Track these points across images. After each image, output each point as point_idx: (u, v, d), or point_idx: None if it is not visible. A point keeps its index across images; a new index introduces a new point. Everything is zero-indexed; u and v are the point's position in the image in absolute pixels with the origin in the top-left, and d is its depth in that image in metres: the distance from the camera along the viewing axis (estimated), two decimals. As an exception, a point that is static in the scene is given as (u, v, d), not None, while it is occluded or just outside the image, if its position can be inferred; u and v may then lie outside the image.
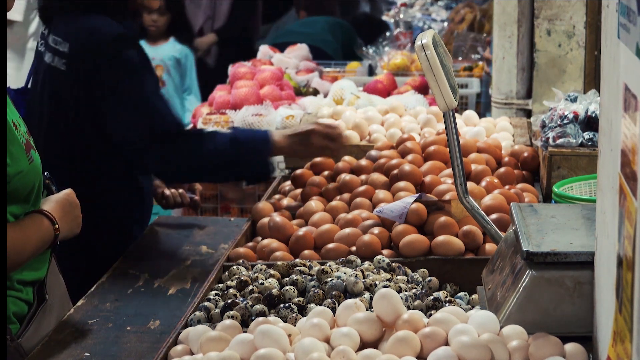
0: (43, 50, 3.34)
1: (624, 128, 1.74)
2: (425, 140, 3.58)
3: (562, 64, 4.40)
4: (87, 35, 3.22)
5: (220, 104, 4.89)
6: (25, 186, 2.49)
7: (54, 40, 3.28)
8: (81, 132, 3.27)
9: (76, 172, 3.29)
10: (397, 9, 8.80)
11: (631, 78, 1.69)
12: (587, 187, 3.11)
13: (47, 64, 3.29)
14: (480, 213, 2.74)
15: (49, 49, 3.30)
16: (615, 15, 1.82)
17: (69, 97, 3.25)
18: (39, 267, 2.61)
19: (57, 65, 3.25)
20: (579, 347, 2.10)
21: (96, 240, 3.30)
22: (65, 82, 3.25)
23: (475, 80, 5.79)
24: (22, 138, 2.50)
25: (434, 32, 2.68)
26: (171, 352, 2.34)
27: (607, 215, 1.91)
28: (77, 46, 3.22)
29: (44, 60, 3.32)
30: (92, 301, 2.84)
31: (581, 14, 4.35)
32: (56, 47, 3.26)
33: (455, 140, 2.69)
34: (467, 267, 2.79)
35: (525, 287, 2.18)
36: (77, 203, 2.67)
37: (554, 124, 3.39)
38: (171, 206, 3.65)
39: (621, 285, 1.75)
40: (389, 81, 5.34)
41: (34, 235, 2.50)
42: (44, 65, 3.32)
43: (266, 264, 2.82)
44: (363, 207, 3.16)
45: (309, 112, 4.70)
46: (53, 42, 3.28)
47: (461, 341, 2.08)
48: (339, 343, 2.14)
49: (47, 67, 3.29)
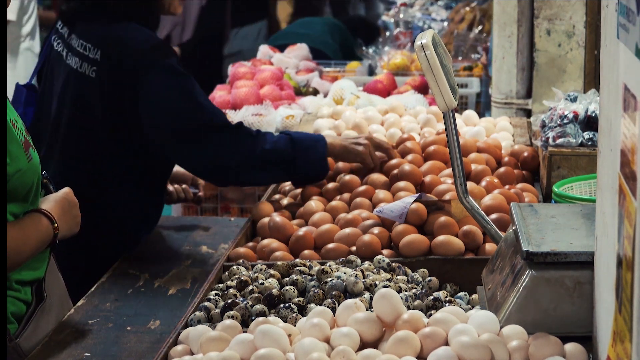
0: (63, 52, 3.30)
1: (624, 128, 1.74)
2: (425, 140, 3.58)
3: (562, 63, 4.40)
4: (123, 44, 3.20)
5: (220, 104, 4.89)
6: (24, 185, 2.49)
7: (81, 44, 3.24)
8: (102, 137, 3.25)
9: (91, 175, 3.29)
10: (397, 8, 8.78)
11: (630, 78, 1.70)
12: (587, 187, 3.11)
13: (73, 68, 3.26)
14: (480, 213, 2.74)
15: (75, 52, 3.26)
16: (614, 15, 1.82)
17: (96, 104, 3.22)
18: (38, 266, 2.61)
19: (84, 71, 3.22)
20: (579, 347, 2.10)
21: (103, 241, 3.30)
22: (93, 88, 3.22)
23: (475, 80, 5.78)
24: (20, 136, 2.50)
25: (434, 32, 2.68)
26: (171, 352, 2.34)
27: (607, 215, 1.91)
28: (112, 55, 3.19)
29: (66, 62, 3.29)
30: (92, 301, 2.84)
31: (581, 14, 4.35)
32: (84, 53, 3.23)
33: (455, 140, 2.69)
34: (467, 267, 2.79)
35: (525, 287, 2.18)
36: (76, 202, 2.66)
37: (553, 124, 3.39)
38: (174, 201, 3.63)
39: (621, 286, 1.75)
40: (389, 81, 5.34)
41: (33, 234, 2.49)
42: (65, 67, 3.29)
43: (266, 264, 2.83)
44: (363, 207, 3.16)
45: (309, 111, 4.70)
46: (80, 46, 3.25)
47: (461, 341, 2.08)
48: (339, 343, 2.14)
49: (72, 71, 3.26)
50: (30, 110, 3.40)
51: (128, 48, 3.19)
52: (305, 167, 3.30)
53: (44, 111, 3.36)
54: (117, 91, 3.20)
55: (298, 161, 3.27)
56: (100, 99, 3.22)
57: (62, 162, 3.29)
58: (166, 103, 3.17)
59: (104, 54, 3.21)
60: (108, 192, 3.29)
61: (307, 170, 3.32)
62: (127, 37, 3.22)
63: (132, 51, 3.19)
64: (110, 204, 3.29)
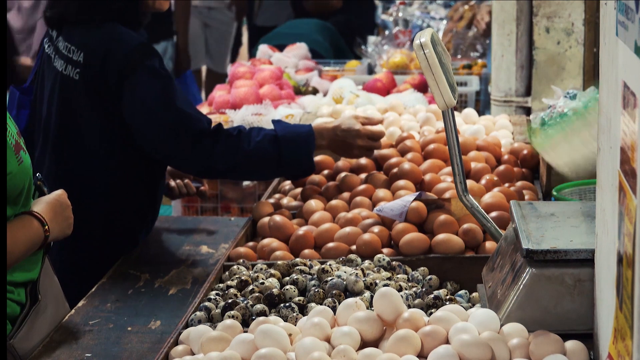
0: (52, 54, 3.31)
1: (623, 125, 1.74)
2: (424, 138, 3.58)
3: (561, 61, 4.40)
4: (106, 46, 3.19)
5: (220, 104, 4.89)
6: (14, 187, 2.49)
7: (67, 47, 3.24)
8: (90, 139, 3.24)
9: (82, 177, 3.28)
10: (396, 7, 8.78)
11: (630, 75, 1.70)
12: (588, 193, 3.11)
13: (59, 71, 3.26)
14: (480, 211, 2.74)
15: (61, 55, 3.26)
16: (613, 13, 1.82)
17: (81, 106, 3.22)
18: (31, 268, 2.61)
19: (69, 74, 3.23)
20: (580, 345, 2.10)
21: (101, 242, 3.30)
22: (77, 90, 3.22)
23: (474, 78, 5.78)
24: (11, 139, 2.49)
25: (433, 30, 2.68)
26: (172, 352, 2.34)
27: (607, 213, 1.91)
28: (94, 57, 3.19)
29: (53, 65, 3.29)
30: (92, 302, 2.84)
31: (580, 12, 4.35)
32: (69, 56, 3.23)
33: (455, 138, 2.69)
34: (468, 265, 2.79)
35: (525, 285, 2.18)
36: (69, 204, 2.65)
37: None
38: (177, 196, 3.61)
39: (621, 283, 1.75)
40: (388, 80, 5.34)
41: (23, 236, 2.49)
42: (53, 69, 3.29)
43: (266, 263, 2.83)
44: (363, 206, 3.16)
45: (309, 111, 4.70)
46: (65, 49, 3.25)
47: (462, 339, 2.08)
48: (340, 342, 2.14)
49: (58, 74, 3.26)
50: (24, 113, 3.39)
51: (111, 50, 3.18)
52: (291, 165, 3.30)
53: (36, 114, 3.36)
54: (101, 93, 3.19)
55: (283, 159, 3.26)
56: (85, 101, 3.21)
57: (54, 164, 3.29)
58: (147, 107, 3.16)
59: (87, 56, 3.20)
60: (100, 193, 3.28)
61: (292, 169, 3.33)
62: (110, 38, 3.21)
63: (115, 53, 3.18)
64: (104, 204, 3.28)
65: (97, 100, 3.21)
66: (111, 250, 3.26)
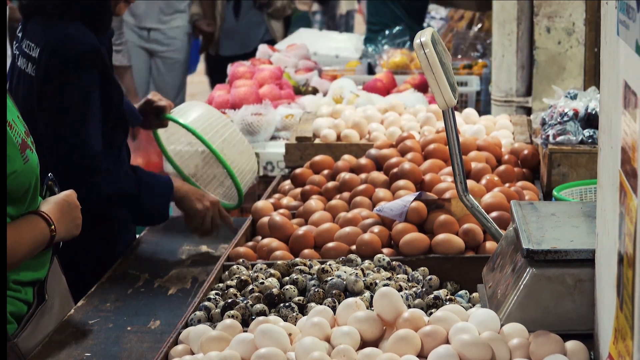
0: (17, 54, 3.28)
1: (624, 125, 1.73)
2: (424, 138, 3.58)
3: (561, 61, 4.40)
4: (58, 42, 3.14)
5: (220, 104, 4.89)
6: (20, 186, 2.49)
7: (28, 45, 3.21)
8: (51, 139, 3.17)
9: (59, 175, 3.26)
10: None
11: (631, 75, 1.69)
12: (588, 193, 3.11)
13: (20, 68, 3.23)
14: (481, 211, 2.74)
15: (22, 53, 3.24)
16: (614, 13, 1.82)
17: (37, 104, 3.18)
18: (39, 267, 2.61)
19: (28, 71, 3.19)
20: (580, 345, 2.10)
21: (94, 239, 3.29)
22: (32, 88, 3.18)
23: (474, 78, 5.78)
24: (17, 138, 2.49)
25: (433, 30, 2.68)
26: (172, 352, 2.33)
27: (608, 213, 1.91)
28: (46, 52, 3.15)
29: (17, 64, 3.26)
30: (92, 301, 2.84)
31: (580, 11, 4.35)
32: (28, 53, 3.20)
33: (455, 138, 2.68)
34: (468, 265, 2.78)
35: (525, 285, 2.18)
36: (77, 204, 2.65)
37: (554, 122, 3.38)
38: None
39: (622, 283, 1.75)
40: (389, 79, 5.33)
41: (28, 236, 2.48)
42: (17, 69, 3.27)
43: (266, 263, 2.82)
44: (363, 205, 3.16)
45: (309, 111, 4.70)
46: (26, 47, 3.22)
47: (462, 339, 2.08)
48: (340, 342, 2.14)
49: (19, 72, 3.24)
50: None
51: (61, 47, 3.14)
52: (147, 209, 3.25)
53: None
54: (46, 89, 3.15)
55: (141, 204, 3.21)
56: (38, 99, 3.17)
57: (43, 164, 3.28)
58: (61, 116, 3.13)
59: (41, 51, 3.16)
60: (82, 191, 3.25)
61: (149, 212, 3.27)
62: (65, 35, 3.15)
63: (64, 51, 3.13)
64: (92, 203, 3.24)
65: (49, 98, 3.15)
66: (107, 244, 3.25)
